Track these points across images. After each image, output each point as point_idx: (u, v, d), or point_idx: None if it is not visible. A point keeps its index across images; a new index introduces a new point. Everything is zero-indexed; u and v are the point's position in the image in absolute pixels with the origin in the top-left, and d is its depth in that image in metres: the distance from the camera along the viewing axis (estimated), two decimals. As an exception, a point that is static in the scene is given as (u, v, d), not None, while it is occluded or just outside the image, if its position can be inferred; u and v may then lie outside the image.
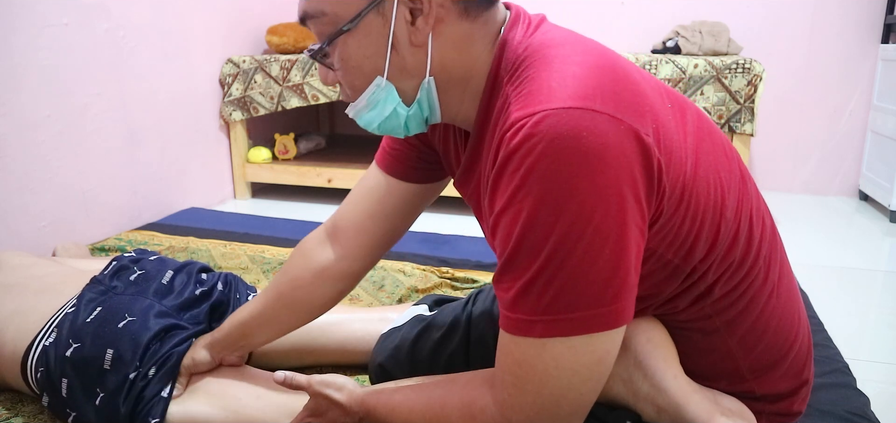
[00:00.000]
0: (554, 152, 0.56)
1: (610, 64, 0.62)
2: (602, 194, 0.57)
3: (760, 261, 0.72)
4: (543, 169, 0.57)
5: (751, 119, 2.07)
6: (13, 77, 1.71)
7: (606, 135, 0.57)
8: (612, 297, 0.60)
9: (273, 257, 1.86)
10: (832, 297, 1.67)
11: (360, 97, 0.70)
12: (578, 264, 0.58)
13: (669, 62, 2.11)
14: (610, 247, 0.58)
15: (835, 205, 2.63)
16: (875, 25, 2.59)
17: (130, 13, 2.09)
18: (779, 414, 0.80)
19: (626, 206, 0.58)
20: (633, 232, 0.59)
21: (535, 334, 0.61)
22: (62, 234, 1.89)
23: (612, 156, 0.57)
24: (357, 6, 0.65)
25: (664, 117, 0.64)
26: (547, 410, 0.64)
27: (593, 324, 0.60)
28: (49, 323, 1.04)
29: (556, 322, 0.60)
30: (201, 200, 2.53)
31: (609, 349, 0.63)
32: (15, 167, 1.74)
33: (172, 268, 1.15)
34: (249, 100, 2.57)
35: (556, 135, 0.56)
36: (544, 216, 0.58)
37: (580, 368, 0.62)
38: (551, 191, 0.57)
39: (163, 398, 0.97)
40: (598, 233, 0.57)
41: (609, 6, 2.83)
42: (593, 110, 0.57)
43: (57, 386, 0.99)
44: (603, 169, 0.57)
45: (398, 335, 1.08)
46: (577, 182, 0.56)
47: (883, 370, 1.31)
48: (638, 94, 0.62)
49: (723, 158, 0.70)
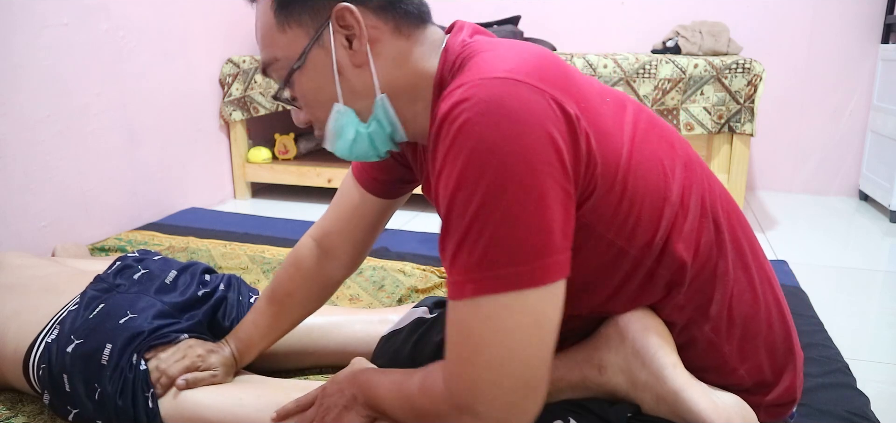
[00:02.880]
0: (479, 114, 0.60)
1: (545, 55, 0.67)
2: (523, 153, 0.60)
3: (724, 244, 0.75)
4: (469, 131, 0.60)
5: (751, 119, 2.07)
6: (13, 77, 1.71)
7: (529, 101, 0.61)
8: (538, 252, 0.61)
9: (273, 257, 1.86)
10: (832, 297, 1.67)
11: (326, 127, 0.76)
12: (502, 221, 0.60)
13: (669, 62, 2.11)
14: (533, 203, 0.60)
15: (835, 205, 2.63)
16: (875, 25, 2.59)
17: (130, 13, 2.09)
18: (775, 405, 0.80)
19: (548, 166, 0.61)
20: (556, 192, 0.62)
21: (467, 295, 0.62)
22: (62, 234, 1.89)
23: (535, 119, 0.61)
24: (301, 45, 0.73)
25: (596, 103, 0.68)
26: (489, 381, 0.63)
27: (521, 280, 0.61)
28: (52, 321, 1.05)
29: (484, 280, 0.61)
30: (201, 200, 2.53)
31: (545, 310, 0.62)
32: (15, 167, 1.74)
33: (176, 268, 1.16)
34: (249, 100, 2.57)
35: (482, 99, 0.61)
36: (470, 175, 0.60)
37: (516, 329, 0.62)
38: (476, 151, 0.60)
39: (148, 395, 0.97)
40: (520, 189, 0.60)
41: (609, 6, 2.83)
42: (518, 80, 0.62)
43: (59, 383, 0.99)
44: (525, 130, 0.60)
45: (399, 339, 1.08)
46: (500, 142, 0.59)
47: (883, 370, 1.31)
48: (567, 78, 0.66)
49: (668, 148, 0.74)
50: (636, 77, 2.13)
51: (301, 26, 0.73)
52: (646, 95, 2.13)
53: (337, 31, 0.72)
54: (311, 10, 0.72)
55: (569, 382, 0.80)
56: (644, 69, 2.12)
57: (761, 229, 2.28)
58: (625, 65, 2.14)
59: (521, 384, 0.63)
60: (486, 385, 0.63)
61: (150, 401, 0.97)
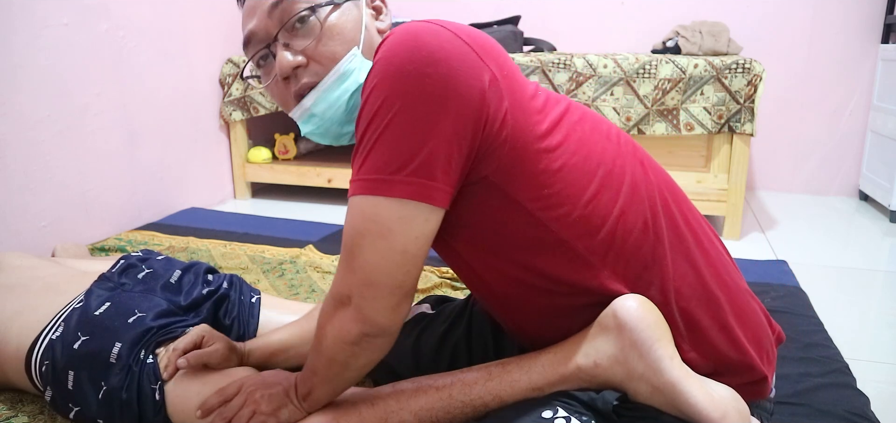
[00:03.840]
0: (397, 44, 0.69)
1: (485, 35, 0.74)
2: (422, 82, 0.67)
3: (661, 232, 0.79)
4: (385, 58, 0.69)
5: (751, 119, 2.07)
6: (13, 77, 1.71)
7: (447, 44, 0.69)
8: (413, 171, 0.69)
9: (273, 257, 1.86)
10: (832, 297, 1.67)
11: (338, 64, 0.79)
12: (387, 136, 0.68)
13: (669, 62, 2.11)
14: (420, 129, 0.68)
15: (835, 205, 2.63)
16: (875, 25, 2.59)
17: (130, 13, 2.09)
18: (744, 385, 0.81)
19: (446, 102, 0.68)
20: (447, 129, 0.69)
21: (351, 193, 0.72)
22: (62, 234, 1.89)
23: (448, 58, 0.68)
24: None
25: (521, 83, 0.75)
26: (363, 278, 0.72)
27: (394, 188, 0.69)
28: (56, 318, 1.05)
29: (365, 182, 0.70)
30: (201, 200, 2.53)
31: (413, 220, 0.71)
32: (15, 167, 1.74)
33: (180, 268, 1.17)
34: (249, 100, 2.57)
35: (403, 34, 0.69)
36: (374, 93, 0.69)
37: (387, 232, 0.70)
38: (383, 74, 0.69)
39: (155, 387, 0.98)
40: (409, 111, 0.68)
41: (609, 6, 2.83)
42: (443, 27, 0.70)
43: (62, 380, 0.99)
44: (433, 62, 0.68)
45: (401, 333, 1.09)
46: (406, 67, 0.68)
47: (883, 370, 1.32)
48: (499, 52, 0.74)
49: (604, 139, 0.80)
50: (636, 77, 2.13)
51: None
52: (646, 94, 2.13)
53: (368, 6, 0.85)
54: None
55: (562, 374, 0.81)
56: (644, 69, 2.12)
57: (761, 229, 2.28)
58: (625, 65, 2.14)
59: (387, 287, 0.72)
60: (360, 282, 0.72)
61: (156, 393, 0.97)
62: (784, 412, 1.06)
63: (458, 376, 0.86)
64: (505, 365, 0.85)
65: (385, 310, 0.74)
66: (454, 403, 0.84)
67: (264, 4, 0.79)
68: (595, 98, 2.17)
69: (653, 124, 2.15)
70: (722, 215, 2.18)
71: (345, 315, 0.75)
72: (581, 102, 2.17)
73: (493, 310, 0.91)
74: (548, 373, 0.81)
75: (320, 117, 0.81)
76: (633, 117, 2.16)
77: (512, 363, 0.84)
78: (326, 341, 0.78)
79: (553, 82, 2.20)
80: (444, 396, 0.84)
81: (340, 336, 0.76)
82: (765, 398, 0.86)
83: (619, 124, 2.16)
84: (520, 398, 0.82)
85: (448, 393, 0.84)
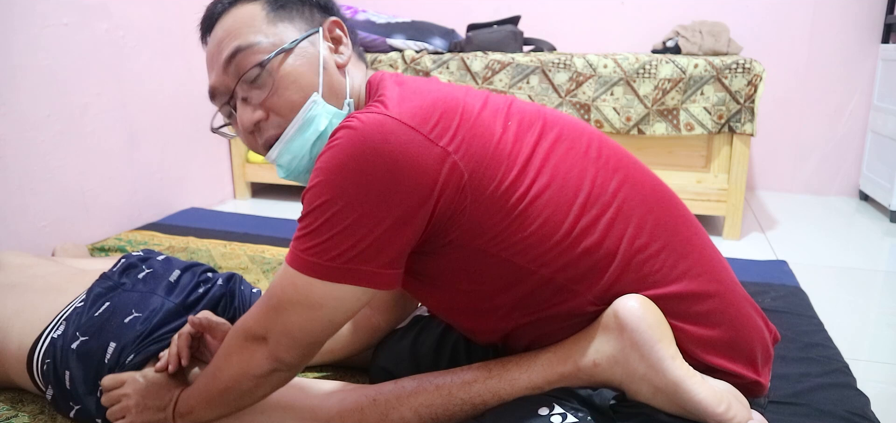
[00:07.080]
0: (349, 141, 0.69)
1: (446, 99, 0.74)
2: (370, 180, 0.69)
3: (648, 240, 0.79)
4: (336, 150, 0.70)
5: (751, 119, 2.07)
6: (13, 77, 1.71)
7: (397, 142, 0.69)
8: (352, 259, 0.71)
9: (273, 257, 1.86)
10: (832, 297, 1.67)
11: (298, 114, 0.79)
12: (330, 226, 0.70)
13: (669, 62, 2.11)
14: (364, 223, 0.70)
15: (835, 205, 2.63)
16: (875, 25, 2.59)
17: (130, 13, 2.09)
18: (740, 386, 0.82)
19: (392, 196, 0.69)
20: (397, 217, 0.70)
21: (288, 260, 0.75)
22: (62, 234, 1.89)
23: (398, 158, 0.69)
24: (291, 36, 0.80)
25: (485, 127, 0.75)
26: (282, 329, 0.76)
27: (331, 274, 0.72)
28: (57, 317, 1.05)
29: (301, 259, 0.73)
30: (201, 200, 2.53)
31: (340, 299, 0.74)
32: (15, 167, 1.74)
33: (179, 267, 1.17)
34: (249, 100, 2.57)
35: (358, 130, 0.69)
36: (321, 188, 0.70)
37: (314, 305, 0.74)
38: (331, 167, 0.70)
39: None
40: (354, 208, 0.70)
41: (609, 6, 2.83)
42: (396, 120, 0.70)
43: (61, 378, 0.99)
44: (382, 160, 0.69)
45: (399, 334, 1.09)
46: (350, 168, 0.69)
47: (883, 370, 1.31)
48: (455, 106, 0.74)
49: (582, 159, 0.79)
50: (636, 77, 2.13)
51: (292, 24, 0.81)
52: (646, 94, 2.13)
53: (325, 39, 0.83)
54: (303, 17, 0.82)
55: (561, 373, 0.81)
56: (644, 69, 2.12)
57: (761, 229, 2.28)
58: (625, 65, 2.14)
59: (306, 343, 0.77)
60: (280, 332, 0.76)
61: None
62: (784, 411, 1.06)
63: (458, 374, 0.86)
64: (504, 364, 0.85)
65: (300, 357, 0.78)
66: (454, 400, 0.85)
67: (220, 59, 0.81)
68: (595, 98, 2.17)
69: (653, 124, 2.15)
70: (722, 216, 2.18)
71: (257, 351, 0.78)
72: (581, 101, 2.17)
73: (476, 338, 0.93)
74: (547, 372, 0.82)
75: (286, 167, 0.82)
76: (633, 117, 2.16)
77: (511, 362, 0.85)
78: (230, 369, 0.80)
79: (553, 82, 2.20)
80: (444, 394, 0.85)
81: (248, 369, 0.79)
82: (760, 397, 0.87)
83: (619, 124, 2.16)
84: (519, 396, 0.82)
85: (448, 391, 0.85)
